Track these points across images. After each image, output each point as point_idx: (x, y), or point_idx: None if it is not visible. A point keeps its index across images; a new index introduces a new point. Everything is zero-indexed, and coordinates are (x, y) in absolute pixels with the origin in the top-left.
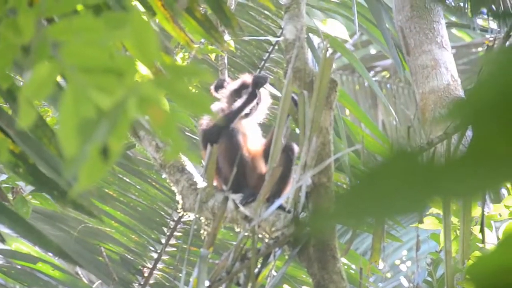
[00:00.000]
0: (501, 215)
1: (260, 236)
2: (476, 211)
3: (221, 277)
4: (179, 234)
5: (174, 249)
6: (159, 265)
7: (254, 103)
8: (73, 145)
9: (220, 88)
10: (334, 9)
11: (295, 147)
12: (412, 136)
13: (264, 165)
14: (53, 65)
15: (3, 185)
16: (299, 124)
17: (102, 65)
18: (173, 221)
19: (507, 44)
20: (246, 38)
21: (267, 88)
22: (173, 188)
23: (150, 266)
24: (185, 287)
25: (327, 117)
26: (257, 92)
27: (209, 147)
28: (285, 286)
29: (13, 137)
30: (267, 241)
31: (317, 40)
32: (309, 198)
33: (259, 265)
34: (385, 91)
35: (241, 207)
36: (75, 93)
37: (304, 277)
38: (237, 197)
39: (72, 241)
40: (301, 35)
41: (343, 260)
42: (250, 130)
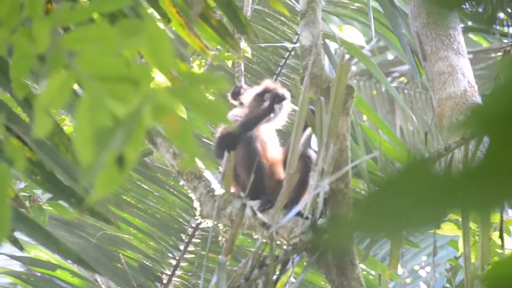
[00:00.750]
0: None
1: (278, 242)
2: (495, 217)
3: (240, 283)
4: (198, 240)
5: (193, 255)
6: (178, 272)
7: (271, 116)
8: (89, 153)
9: (237, 95)
10: (350, 15)
11: (312, 153)
12: (430, 141)
13: (282, 172)
14: (69, 74)
15: (21, 193)
16: (316, 130)
17: (118, 74)
18: (191, 227)
19: None
20: (262, 44)
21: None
22: (191, 195)
23: (169, 272)
24: None
25: (344, 123)
26: (275, 107)
27: (226, 154)
28: None
29: (30, 144)
30: (285, 247)
31: (333, 46)
32: (327, 205)
33: (277, 272)
34: (402, 96)
35: (259, 214)
36: (91, 101)
37: (323, 283)
38: (255, 203)
39: (91, 248)
40: (317, 41)
41: (361, 266)
42: (268, 136)
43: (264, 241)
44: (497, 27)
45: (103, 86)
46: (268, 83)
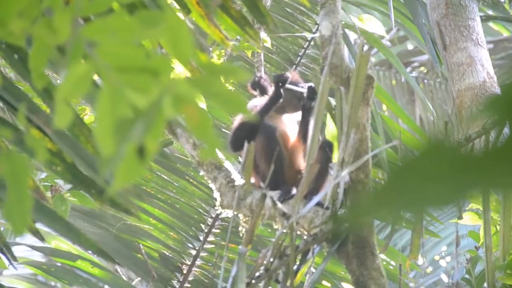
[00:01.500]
0: None
1: (299, 233)
2: None
3: (260, 274)
4: (217, 231)
5: (213, 246)
6: (198, 262)
7: (279, 101)
8: (110, 144)
9: (257, 85)
10: (370, 4)
11: (332, 143)
12: (450, 131)
13: (301, 162)
14: (88, 65)
15: (42, 183)
16: (336, 120)
17: (138, 64)
18: (211, 218)
19: None
20: (282, 34)
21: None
22: (210, 185)
23: (189, 263)
24: (224, 284)
25: (364, 113)
26: (280, 90)
27: (246, 144)
28: (324, 283)
29: (50, 135)
30: (305, 238)
31: (353, 36)
32: (347, 195)
33: (297, 262)
34: (422, 86)
35: (279, 204)
36: (111, 92)
37: (343, 273)
38: (275, 194)
39: (111, 239)
40: (337, 31)
41: (382, 256)
42: (287, 126)
43: (284, 231)
44: None
45: (123, 77)
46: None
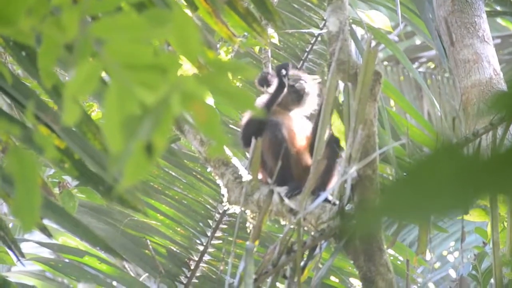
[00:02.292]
0: None
1: (306, 228)
2: None
3: (268, 270)
4: (225, 226)
5: (220, 241)
6: (205, 258)
7: (284, 92)
8: (118, 141)
9: (264, 81)
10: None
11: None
12: (458, 127)
13: (309, 158)
14: (96, 62)
15: (50, 179)
16: (344, 116)
17: (146, 62)
18: (219, 213)
19: None
20: (289, 31)
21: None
22: (218, 181)
23: (196, 258)
24: (231, 279)
25: (372, 109)
26: (284, 80)
27: (253, 140)
28: (332, 278)
29: (58, 132)
30: (313, 233)
31: (360, 31)
32: (354, 191)
33: (305, 258)
34: (430, 81)
35: (286, 200)
36: (119, 90)
37: (351, 268)
38: (283, 190)
39: (118, 235)
40: (344, 27)
41: (390, 251)
42: (294, 122)
43: (292, 227)
44: None
45: (131, 75)
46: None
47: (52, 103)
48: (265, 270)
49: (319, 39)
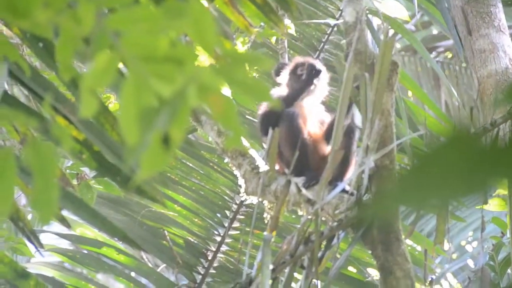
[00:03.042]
0: None
1: (324, 219)
2: None
3: (285, 260)
4: (242, 217)
5: (238, 232)
6: (223, 248)
7: (309, 90)
8: (134, 133)
9: (281, 72)
10: None
11: (356, 129)
12: (475, 116)
13: (325, 147)
14: (114, 54)
15: (68, 171)
16: (361, 106)
17: (162, 54)
18: (236, 204)
19: None
20: (306, 21)
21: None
22: (235, 172)
23: (214, 249)
24: (249, 270)
25: (389, 99)
26: (313, 80)
27: (270, 130)
28: (349, 268)
29: (76, 124)
30: (330, 224)
31: (376, 21)
32: (372, 181)
33: (323, 248)
34: (447, 72)
35: (304, 190)
36: (135, 81)
37: (368, 259)
38: (300, 180)
39: (136, 226)
40: (361, 17)
41: (407, 241)
42: (310, 112)
43: (309, 217)
44: None
45: (148, 67)
46: (298, 59)
47: (70, 95)
48: (282, 260)
49: (335, 29)
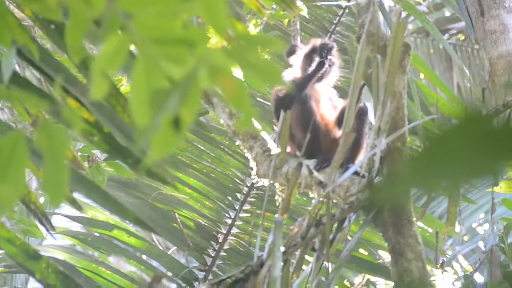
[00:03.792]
0: None
1: (335, 201)
2: None
3: (296, 242)
4: (253, 200)
5: (248, 215)
6: (233, 231)
7: (323, 71)
8: (145, 115)
9: (293, 54)
10: None
11: (367, 110)
12: (487, 98)
13: (337, 130)
14: (125, 36)
15: (79, 154)
16: (373, 88)
17: (174, 36)
18: (246, 187)
19: None
20: (318, 3)
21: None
22: (246, 154)
23: (224, 232)
24: (260, 252)
25: (401, 81)
26: (325, 60)
27: (282, 113)
28: (360, 251)
29: (87, 106)
30: (341, 206)
31: (388, 3)
32: (383, 163)
33: (334, 231)
34: (460, 53)
35: (315, 173)
36: (146, 64)
37: (378, 241)
38: (311, 162)
39: (147, 208)
40: None
41: (419, 223)
42: (322, 95)
43: (321, 200)
44: None
45: (159, 49)
46: (314, 41)
47: (82, 77)
48: (294, 243)
49: (346, 11)
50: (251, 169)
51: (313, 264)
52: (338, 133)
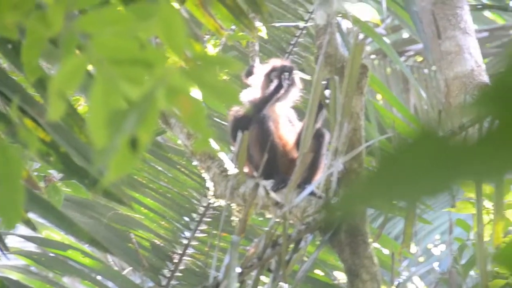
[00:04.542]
0: None
1: (292, 222)
2: (509, 195)
3: (253, 263)
4: (209, 220)
5: (205, 235)
6: (189, 251)
7: (281, 92)
8: (103, 136)
9: (251, 75)
10: None
11: (325, 132)
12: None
13: (295, 151)
14: (82, 56)
15: (36, 173)
16: (330, 109)
17: (132, 56)
18: (203, 207)
19: None
20: (276, 24)
21: (295, 74)
22: (203, 174)
23: (180, 252)
24: (216, 273)
25: (358, 102)
26: (283, 82)
27: (240, 133)
28: (316, 271)
29: (44, 126)
30: (298, 227)
31: (346, 24)
32: (340, 184)
33: (290, 251)
34: (417, 75)
35: (272, 193)
36: (104, 84)
37: (335, 261)
38: (268, 183)
39: (102, 228)
40: (332, 20)
41: (375, 244)
42: (281, 116)
43: (277, 220)
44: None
45: (117, 69)
46: (275, 62)
47: (39, 97)
48: (250, 263)
49: (304, 31)
50: (208, 189)
51: (269, 285)
52: (296, 154)
